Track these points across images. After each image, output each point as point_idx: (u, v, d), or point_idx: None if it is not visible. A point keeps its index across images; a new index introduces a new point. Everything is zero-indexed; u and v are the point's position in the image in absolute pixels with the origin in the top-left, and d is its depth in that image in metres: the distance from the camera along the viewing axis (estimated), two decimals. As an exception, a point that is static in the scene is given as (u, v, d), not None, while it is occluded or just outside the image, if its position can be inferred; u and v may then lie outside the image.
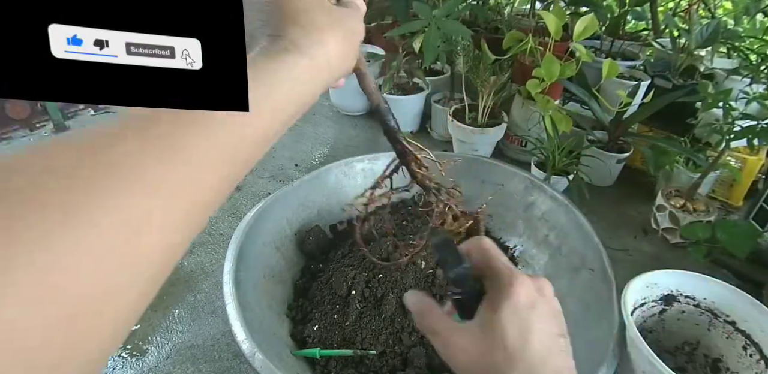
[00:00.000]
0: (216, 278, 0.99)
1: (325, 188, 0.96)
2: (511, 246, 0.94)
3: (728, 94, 0.99)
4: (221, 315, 0.91)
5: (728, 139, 0.94)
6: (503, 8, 1.57)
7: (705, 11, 1.41)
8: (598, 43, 1.45)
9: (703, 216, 1.01)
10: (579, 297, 0.74)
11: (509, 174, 0.95)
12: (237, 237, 0.76)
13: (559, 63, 1.02)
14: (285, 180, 1.31)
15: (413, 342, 0.71)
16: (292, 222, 0.90)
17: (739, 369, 0.68)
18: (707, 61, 1.25)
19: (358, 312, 0.74)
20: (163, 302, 0.94)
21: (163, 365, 0.82)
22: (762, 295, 0.87)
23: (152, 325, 0.89)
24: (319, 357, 0.70)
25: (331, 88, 1.61)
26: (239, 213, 1.18)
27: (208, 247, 1.07)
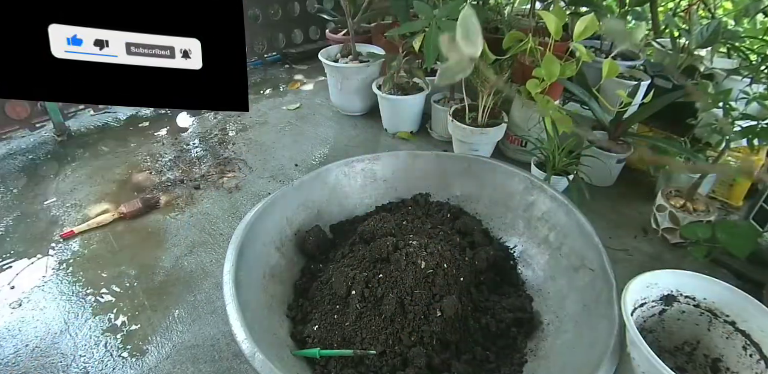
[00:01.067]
0: (216, 278, 0.99)
1: (325, 188, 0.96)
2: (511, 247, 0.94)
3: (728, 94, 0.99)
4: (221, 315, 0.91)
5: (728, 139, 0.94)
6: (503, 8, 1.57)
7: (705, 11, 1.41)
8: (598, 43, 1.45)
9: (703, 216, 1.01)
10: (579, 297, 0.74)
11: (509, 174, 0.95)
12: (237, 237, 0.76)
13: (559, 63, 1.02)
14: (285, 180, 1.31)
15: (413, 342, 0.71)
16: (292, 222, 0.90)
17: (739, 369, 0.68)
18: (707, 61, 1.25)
19: (358, 312, 0.74)
20: (163, 302, 0.94)
21: (163, 365, 0.82)
22: (762, 295, 0.87)
23: (152, 325, 0.89)
24: (319, 357, 0.70)
25: (331, 88, 1.61)
26: (239, 213, 1.18)
27: (208, 247, 1.07)
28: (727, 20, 1.37)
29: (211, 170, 1.35)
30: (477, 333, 0.75)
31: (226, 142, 1.49)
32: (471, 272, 0.82)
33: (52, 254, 1.06)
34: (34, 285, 0.98)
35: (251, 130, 1.57)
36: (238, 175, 1.33)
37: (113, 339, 0.86)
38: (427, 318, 0.72)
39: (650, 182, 1.25)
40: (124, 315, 0.91)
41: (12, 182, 1.30)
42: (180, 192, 1.26)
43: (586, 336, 0.68)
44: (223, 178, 1.31)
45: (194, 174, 1.33)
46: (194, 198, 1.23)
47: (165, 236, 1.11)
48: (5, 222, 1.15)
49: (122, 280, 0.99)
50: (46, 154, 1.43)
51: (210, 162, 1.39)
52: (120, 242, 1.09)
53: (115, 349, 0.84)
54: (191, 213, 1.18)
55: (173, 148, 1.46)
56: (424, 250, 0.78)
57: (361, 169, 1.00)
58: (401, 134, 1.51)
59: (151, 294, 0.96)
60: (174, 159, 1.41)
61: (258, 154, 1.43)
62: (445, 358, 0.70)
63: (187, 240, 1.10)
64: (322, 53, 1.57)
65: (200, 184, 1.29)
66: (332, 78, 1.57)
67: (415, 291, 0.74)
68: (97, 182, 1.30)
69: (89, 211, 1.19)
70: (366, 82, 1.53)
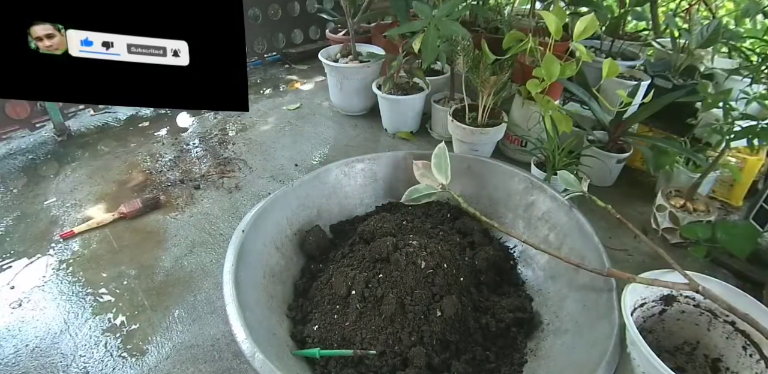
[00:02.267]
0: (216, 278, 0.99)
1: (326, 188, 0.96)
2: (511, 247, 0.94)
3: (728, 94, 0.99)
4: (221, 315, 0.91)
5: (728, 139, 0.94)
6: (503, 8, 1.57)
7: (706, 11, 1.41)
8: (598, 43, 1.45)
9: (703, 216, 1.01)
10: (579, 297, 0.74)
11: (509, 174, 0.95)
12: (237, 237, 0.76)
13: (559, 63, 1.02)
14: (285, 180, 1.31)
15: (413, 342, 0.71)
16: (293, 222, 0.90)
17: (739, 369, 0.68)
18: (707, 61, 1.25)
19: (358, 312, 0.74)
20: (163, 302, 0.94)
21: (163, 365, 0.82)
22: (762, 295, 0.87)
23: (152, 325, 0.89)
24: (319, 357, 0.70)
25: (331, 88, 1.61)
26: (239, 213, 1.18)
27: (208, 247, 1.07)
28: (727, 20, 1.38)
29: (211, 170, 1.35)
30: (477, 333, 0.75)
31: (226, 142, 1.49)
32: (471, 272, 0.82)
33: (52, 254, 1.06)
34: (34, 285, 0.98)
35: (251, 130, 1.57)
36: (238, 174, 1.34)
37: (113, 339, 0.86)
38: (427, 318, 0.72)
39: (650, 182, 1.25)
40: (124, 315, 0.91)
41: (12, 182, 1.31)
42: (180, 192, 1.26)
43: (586, 336, 0.68)
44: (223, 178, 1.31)
45: (194, 174, 1.33)
46: (194, 198, 1.24)
47: (165, 236, 1.11)
48: (5, 222, 1.15)
49: (122, 280, 0.99)
50: (46, 154, 1.43)
51: (210, 162, 1.39)
52: (120, 242, 1.09)
53: (115, 349, 0.84)
54: (191, 213, 1.18)
55: (173, 148, 1.46)
56: (424, 250, 0.78)
57: (361, 168, 1.00)
58: (401, 134, 1.51)
59: (151, 294, 0.96)
60: (174, 159, 1.41)
61: (258, 154, 1.43)
62: (445, 358, 0.70)
63: (187, 240, 1.10)
64: (322, 53, 1.57)
65: (200, 183, 1.29)
66: (332, 78, 1.57)
67: (415, 291, 0.74)
68: (97, 182, 1.30)
69: (89, 211, 1.19)
70: (366, 82, 1.53)
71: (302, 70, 2.05)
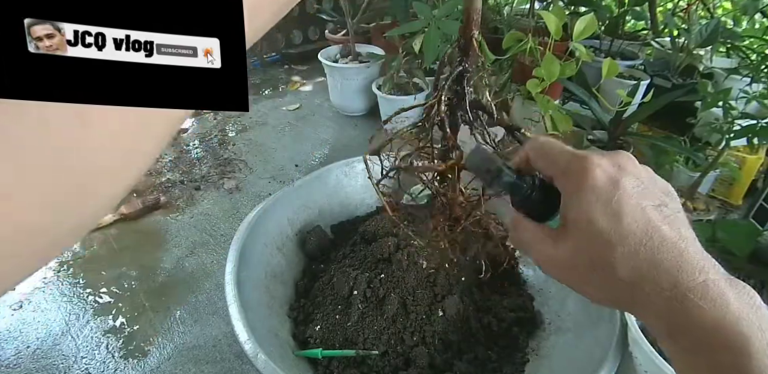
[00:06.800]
0: (217, 279, 0.99)
1: (326, 188, 0.96)
2: (511, 246, 0.94)
3: (728, 93, 0.99)
4: (223, 316, 0.91)
5: (728, 138, 0.94)
6: (503, 8, 1.57)
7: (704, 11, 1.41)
8: (598, 43, 1.45)
9: (703, 215, 1.02)
10: (580, 296, 0.74)
11: (510, 174, 0.95)
12: (238, 237, 0.76)
13: (559, 63, 1.02)
14: (285, 180, 1.31)
15: (415, 342, 0.71)
16: (294, 222, 0.90)
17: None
18: (707, 60, 1.26)
19: (360, 313, 0.74)
20: (164, 303, 0.94)
21: (165, 366, 0.82)
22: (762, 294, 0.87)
23: (153, 326, 0.89)
24: (322, 357, 0.70)
25: (330, 88, 1.61)
26: (240, 214, 1.18)
27: (209, 248, 1.07)
28: (726, 20, 1.38)
29: (211, 171, 1.35)
30: (479, 332, 0.75)
31: (226, 143, 1.49)
32: (472, 272, 0.82)
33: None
34: (35, 286, 0.97)
35: (251, 130, 1.57)
36: (239, 175, 1.33)
37: (115, 340, 0.86)
38: (429, 318, 0.72)
39: (650, 181, 1.25)
40: (125, 316, 0.91)
41: (12, 183, 1.30)
42: (180, 193, 1.26)
43: (588, 335, 0.68)
44: (224, 179, 1.31)
45: (194, 174, 1.33)
46: (195, 199, 1.23)
47: (165, 237, 1.11)
48: (5, 223, 1.15)
49: (123, 281, 0.99)
50: (46, 155, 1.43)
51: (210, 163, 1.39)
52: (120, 243, 1.09)
53: (117, 350, 0.84)
54: (192, 214, 1.18)
55: (173, 149, 1.46)
56: (425, 250, 0.78)
57: (361, 169, 1.00)
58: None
59: (151, 295, 0.96)
60: (174, 160, 1.40)
61: (258, 154, 1.43)
62: (448, 358, 0.70)
63: (188, 241, 1.09)
64: (321, 54, 1.57)
65: (200, 184, 1.29)
66: (332, 78, 1.57)
67: (417, 291, 0.74)
68: (97, 183, 1.30)
69: (89, 212, 1.18)
70: (366, 82, 1.53)
71: (302, 70, 2.05)
